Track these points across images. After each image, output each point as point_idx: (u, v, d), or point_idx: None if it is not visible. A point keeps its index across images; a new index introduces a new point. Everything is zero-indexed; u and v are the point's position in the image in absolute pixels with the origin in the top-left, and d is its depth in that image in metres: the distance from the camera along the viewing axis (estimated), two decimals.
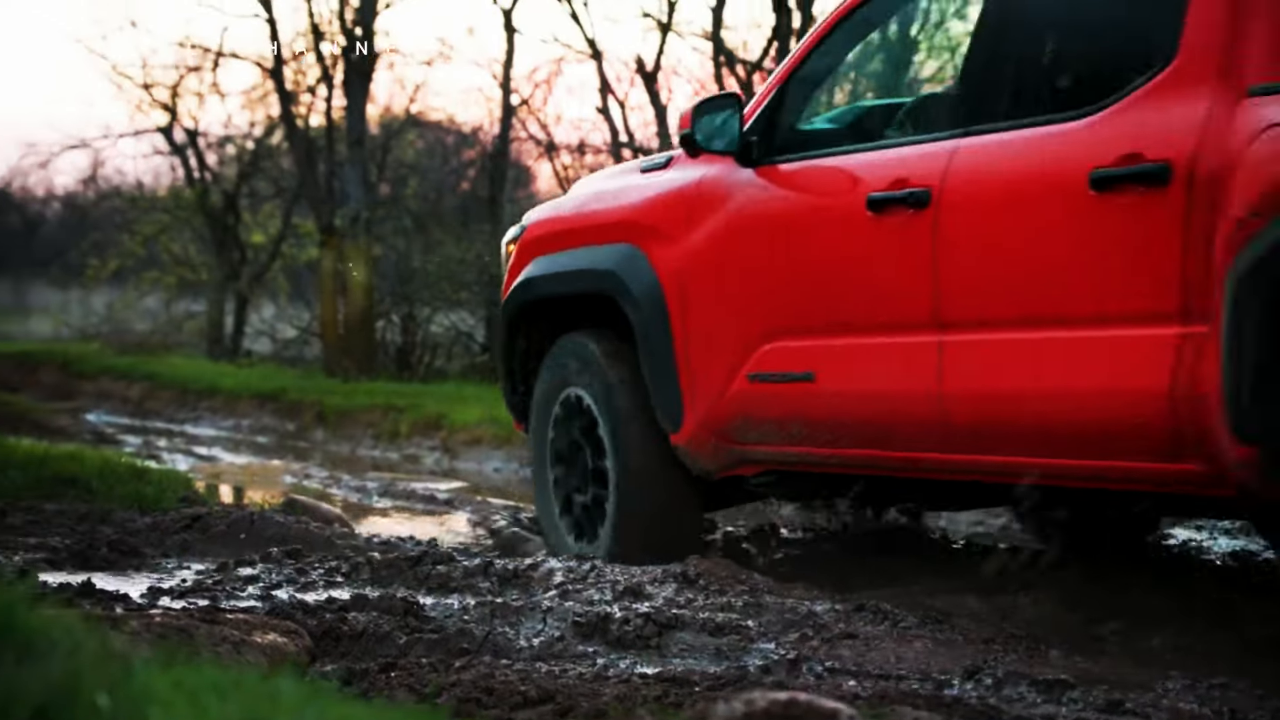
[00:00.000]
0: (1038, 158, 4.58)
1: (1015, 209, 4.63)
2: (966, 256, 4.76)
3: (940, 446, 4.93)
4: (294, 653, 4.03)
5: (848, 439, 5.21)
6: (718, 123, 5.52)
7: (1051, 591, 5.08)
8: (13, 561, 5.46)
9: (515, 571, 5.13)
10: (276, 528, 6.23)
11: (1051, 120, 4.55)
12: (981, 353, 4.74)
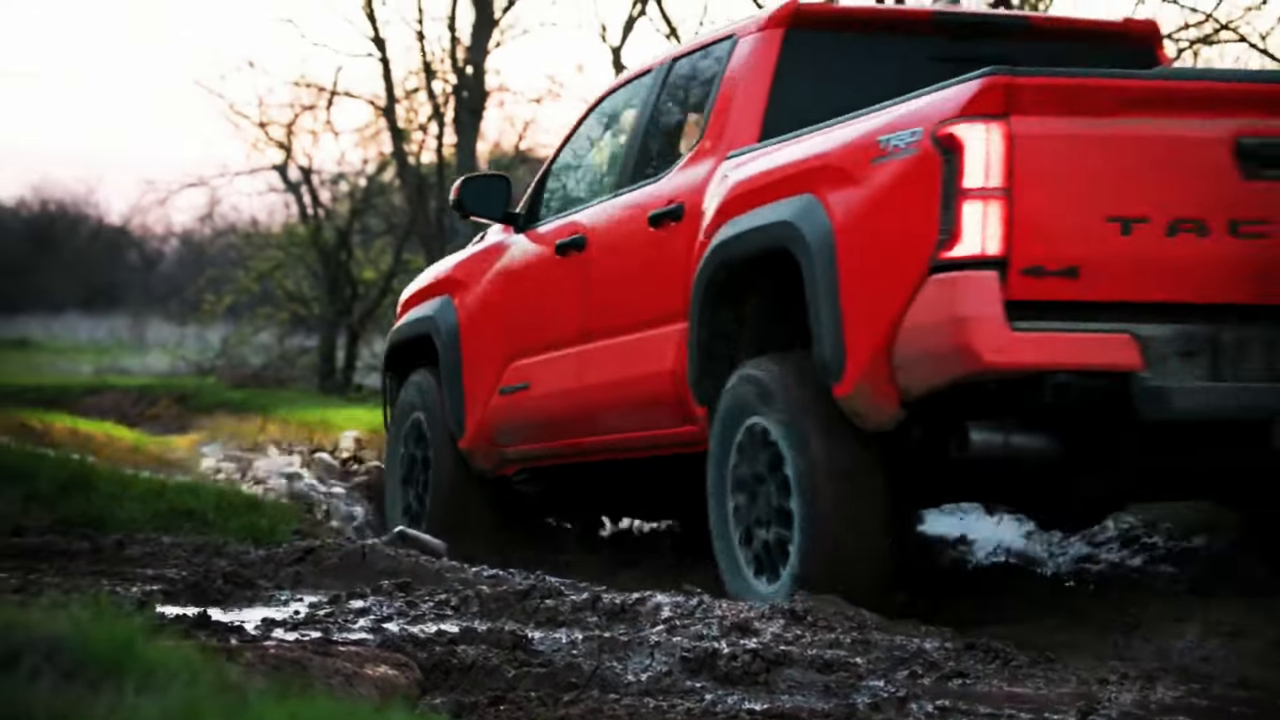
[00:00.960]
0: (630, 209, 6.60)
1: (618, 246, 6.64)
2: (600, 283, 6.73)
3: (586, 432, 6.76)
4: (404, 685, 4.07)
5: (548, 433, 7.00)
6: (490, 195, 7.53)
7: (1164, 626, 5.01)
8: (131, 593, 5.57)
9: (623, 606, 5.15)
10: (387, 561, 6.28)
11: (644, 184, 6.59)
12: (603, 355, 6.61)
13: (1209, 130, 5.22)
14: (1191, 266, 5.18)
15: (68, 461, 8.35)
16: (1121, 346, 5.08)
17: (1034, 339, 5.06)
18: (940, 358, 5.14)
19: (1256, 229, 5.13)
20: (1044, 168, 5.14)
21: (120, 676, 2.86)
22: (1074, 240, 5.15)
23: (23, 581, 5.78)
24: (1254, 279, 5.17)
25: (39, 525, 6.91)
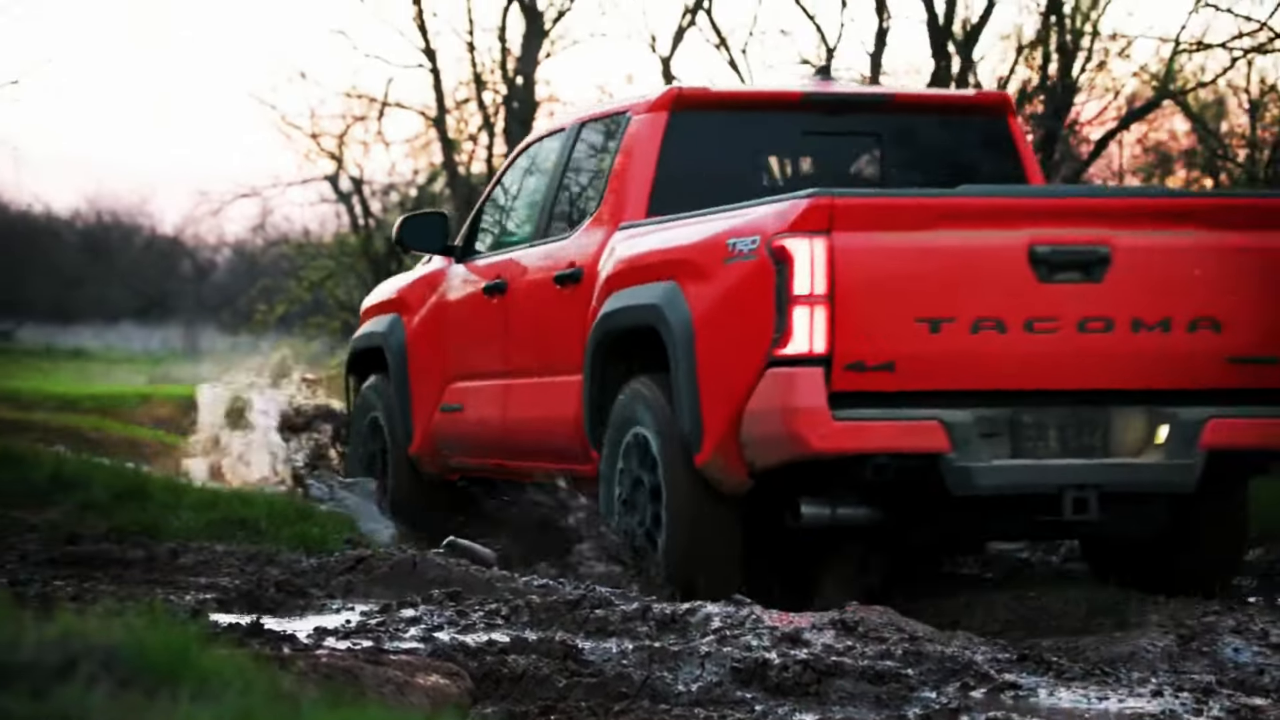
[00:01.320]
0: (541, 263, 7.41)
1: (531, 296, 7.45)
2: (517, 327, 7.56)
3: (509, 456, 7.66)
4: (456, 695, 4.09)
5: (480, 452, 7.91)
6: (428, 230, 8.32)
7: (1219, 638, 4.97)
8: (185, 601, 5.61)
9: (673, 616, 5.15)
10: (438, 570, 6.31)
11: (550, 241, 7.42)
12: (520, 392, 7.48)
13: (1006, 240, 5.99)
14: (992, 359, 5.96)
15: (122, 470, 8.42)
16: (931, 431, 5.87)
17: (854, 427, 5.88)
18: (776, 441, 5.96)
19: (1048, 325, 5.95)
20: (862, 276, 5.93)
21: (176, 685, 2.88)
22: (889, 339, 5.92)
23: (78, 589, 5.83)
24: (1047, 368, 5.99)
25: (94, 533, 6.97)
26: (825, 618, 5.05)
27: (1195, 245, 6.12)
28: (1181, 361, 6.07)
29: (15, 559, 6.55)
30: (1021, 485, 5.99)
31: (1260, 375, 6.10)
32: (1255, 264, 6.11)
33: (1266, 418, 6.08)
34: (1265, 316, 6.09)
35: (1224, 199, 7.50)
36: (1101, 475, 5.99)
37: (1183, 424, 6.01)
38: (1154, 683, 4.52)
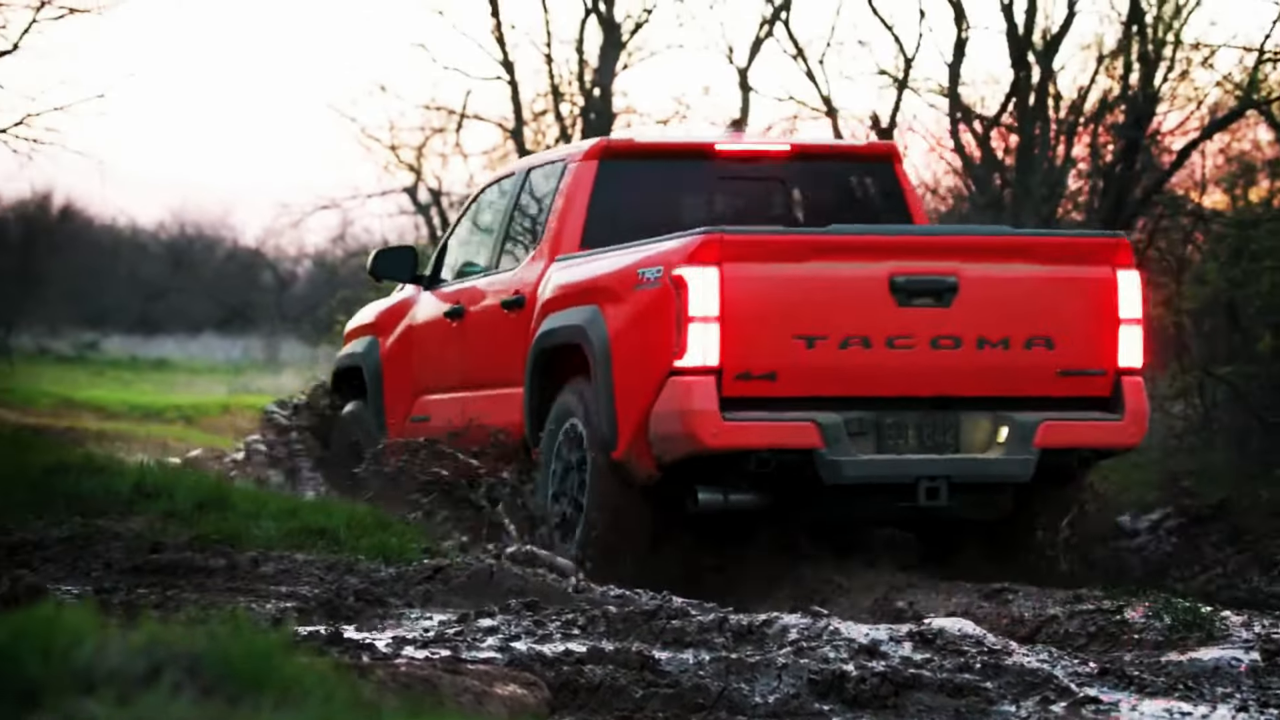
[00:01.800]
0: (491, 291, 8.51)
1: (483, 320, 8.52)
2: (473, 347, 8.67)
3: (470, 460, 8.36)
4: (533, 705, 4.10)
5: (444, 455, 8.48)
6: (398, 262, 9.47)
7: None
8: (266, 610, 5.66)
9: (749, 627, 5.15)
10: (515, 580, 6.33)
11: (501, 272, 8.53)
12: (476, 403, 8.47)
13: (870, 271, 7.09)
14: (859, 370, 7.07)
15: (205, 480, 8.49)
16: (807, 431, 6.96)
17: (742, 427, 6.97)
18: (676, 439, 7.05)
19: (906, 343, 7.06)
20: (747, 300, 7.00)
21: (258, 693, 2.91)
22: (771, 353, 7.02)
23: (162, 597, 5.90)
24: (905, 378, 7.11)
25: (177, 542, 7.04)
26: (903, 629, 5.03)
27: (1030, 276, 7.26)
28: (1020, 373, 7.21)
29: (100, 567, 6.64)
30: (883, 476, 7.11)
31: (1085, 385, 7.26)
32: (1081, 292, 7.26)
33: (1090, 421, 7.25)
34: (1089, 336, 7.23)
35: (1054, 238, 8.37)
36: (951, 468, 7.09)
37: (1020, 426, 7.13)
38: (1238, 698, 4.47)
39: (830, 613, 5.53)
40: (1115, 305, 7.25)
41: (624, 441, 7.23)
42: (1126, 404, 7.24)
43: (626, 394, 7.24)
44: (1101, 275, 7.26)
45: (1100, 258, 7.33)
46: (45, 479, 8.19)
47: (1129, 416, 7.24)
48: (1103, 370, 7.25)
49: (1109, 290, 7.25)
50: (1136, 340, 7.28)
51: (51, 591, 5.60)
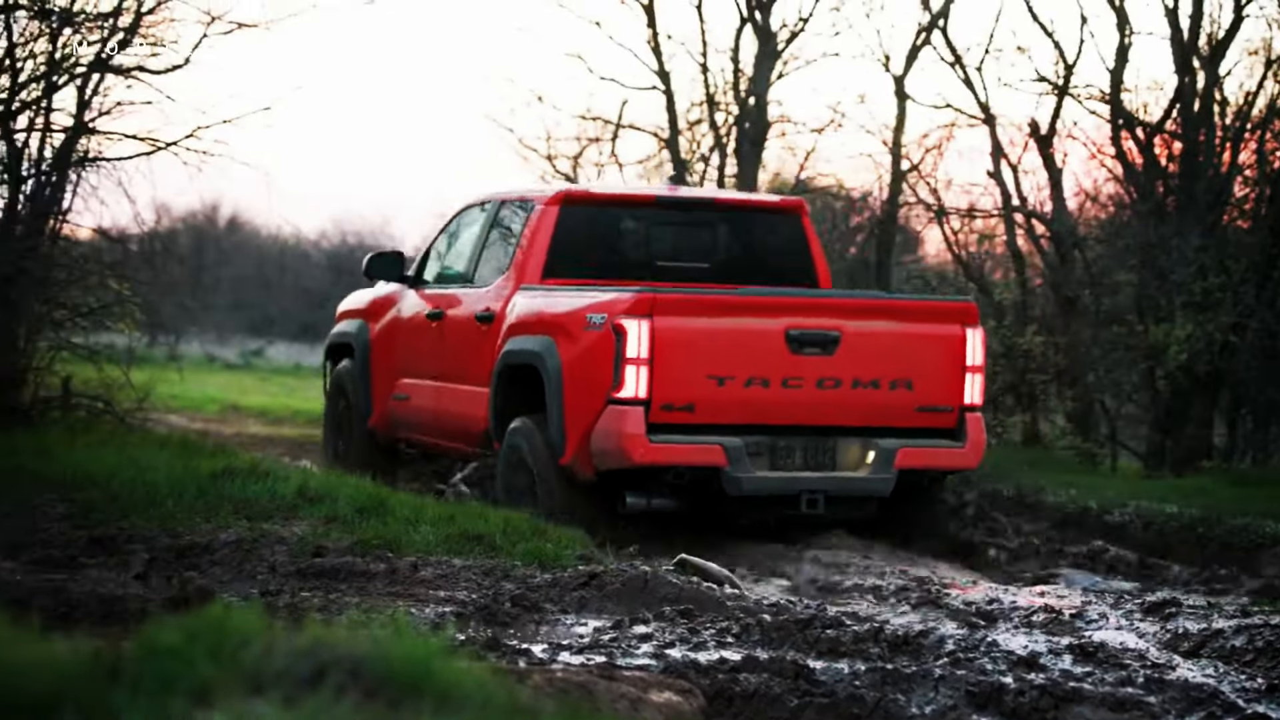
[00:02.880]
0: (468, 302, 10.11)
1: (459, 327, 10.16)
2: (449, 347, 10.27)
3: (437, 435, 10.48)
4: (689, 712, 4.11)
5: (418, 430, 10.78)
6: (389, 265, 11.20)
7: None
8: (425, 614, 5.74)
9: (905, 637, 5.11)
10: (669, 587, 6.35)
11: (476, 286, 10.11)
12: (449, 394, 10.21)
13: (770, 325, 8.66)
14: (759, 404, 8.64)
15: (365, 486, 8.63)
16: (715, 452, 8.55)
17: (664, 447, 8.52)
18: (611, 454, 8.58)
19: (796, 383, 8.67)
20: (672, 346, 8.54)
21: (419, 696, 2.95)
22: (690, 389, 8.57)
23: (325, 600, 6.01)
24: (795, 411, 8.71)
25: (339, 546, 7.16)
26: (1063, 642, 4.96)
27: (897, 331, 8.92)
28: (885, 409, 8.85)
29: (265, 570, 6.77)
30: (774, 489, 8.69)
31: (937, 419, 8.95)
32: (936, 344, 8.94)
33: (939, 448, 8.91)
34: (941, 379, 8.91)
35: (916, 302, 9.82)
36: (828, 484, 8.77)
37: (884, 450, 8.79)
38: None
39: None
40: (963, 356, 8.95)
41: (570, 451, 8.80)
42: (969, 434, 8.93)
43: (573, 414, 8.79)
44: (952, 332, 8.97)
45: (953, 318, 9.04)
46: (213, 484, 8.38)
47: (970, 444, 8.92)
48: (950, 407, 8.95)
49: (958, 344, 8.95)
50: (978, 384, 9.02)
51: (219, 594, 5.73)
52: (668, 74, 18.61)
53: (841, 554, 8.58)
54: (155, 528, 7.47)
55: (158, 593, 5.89)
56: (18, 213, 11.77)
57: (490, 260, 10.20)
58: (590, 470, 8.74)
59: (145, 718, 2.80)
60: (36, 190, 11.92)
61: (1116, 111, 14.34)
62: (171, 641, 3.03)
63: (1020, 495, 10.81)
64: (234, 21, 12.53)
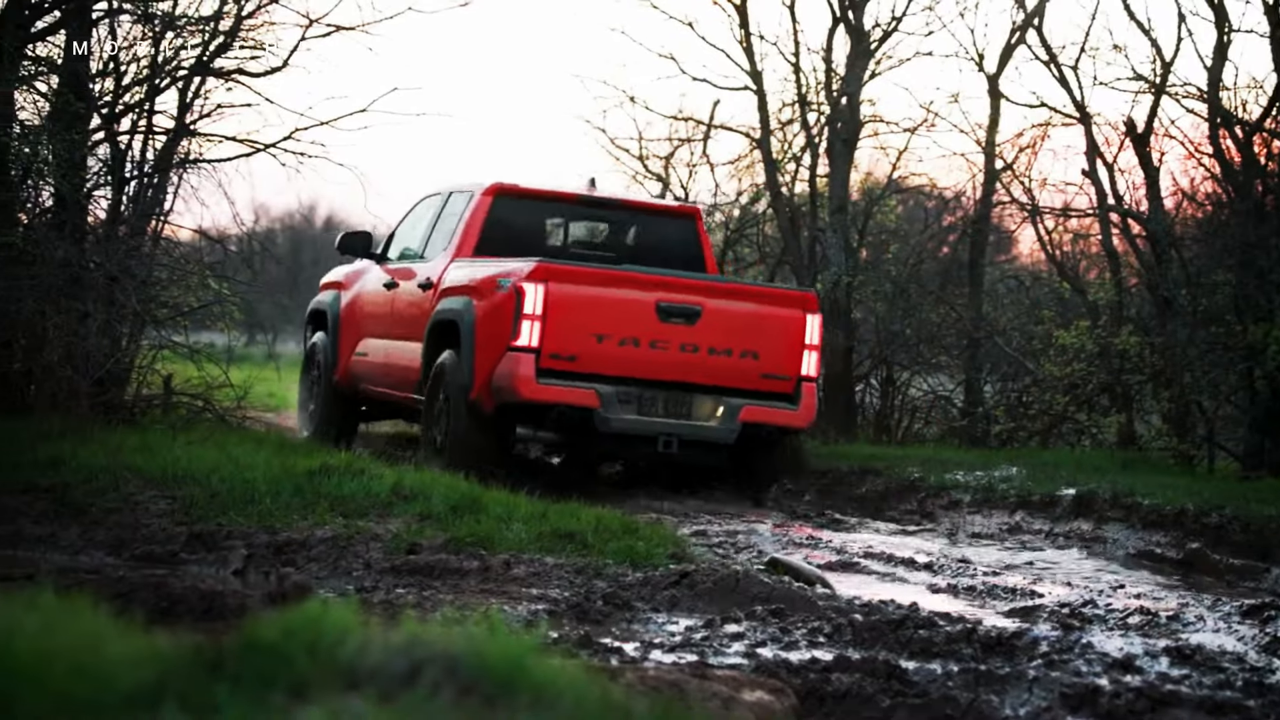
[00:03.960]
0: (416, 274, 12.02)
1: (406, 294, 12.08)
2: (397, 310, 12.21)
3: (385, 385, 12.24)
4: (780, 711, 4.12)
5: (372, 383, 12.57)
6: (359, 242, 13.15)
7: None
8: (518, 611, 5.78)
9: (999, 639, 5.08)
10: (760, 587, 6.35)
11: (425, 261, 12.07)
12: (395, 351, 12.05)
13: (644, 296, 10.54)
14: (629, 361, 10.48)
15: (459, 483, 8.69)
16: (590, 395, 10.38)
17: (549, 388, 10.33)
18: (507, 390, 10.38)
19: (662, 346, 10.53)
20: (561, 307, 10.34)
21: (513, 693, 2.98)
22: (574, 342, 10.41)
23: (419, 597, 6.07)
24: (660, 369, 10.57)
25: (433, 543, 7.22)
26: (1160, 644, 4.91)
27: (746, 311, 10.79)
28: (735, 373, 10.73)
29: (360, 567, 6.85)
30: (637, 430, 10.51)
31: (777, 385, 10.83)
32: (780, 324, 10.83)
33: (778, 408, 10.77)
34: (782, 353, 10.81)
35: (765, 288, 11.84)
36: (682, 430, 10.59)
37: (731, 406, 10.68)
38: None
39: None
40: (803, 336, 10.83)
41: (476, 388, 10.57)
42: (803, 399, 10.87)
43: (481, 358, 10.56)
44: (795, 315, 10.87)
45: (795, 304, 10.94)
46: (309, 481, 8.48)
47: (803, 408, 10.88)
48: (789, 376, 10.85)
49: (799, 326, 10.85)
50: (814, 359, 10.94)
51: (316, 590, 5.80)
52: (760, 74, 18.58)
53: None
54: (253, 524, 7.58)
55: (256, 588, 5.98)
56: (121, 214, 11.97)
57: (437, 240, 12.11)
58: (490, 405, 10.51)
59: (245, 712, 2.85)
60: (139, 192, 12.12)
61: (1214, 110, 14.15)
62: (270, 637, 3.08)
63: (1115, 496, 10.72)
64: (331, 25, 12.67)
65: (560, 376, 10.35)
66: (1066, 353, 15.44)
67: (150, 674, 2.94)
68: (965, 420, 16.88)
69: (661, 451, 10.47)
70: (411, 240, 12.70)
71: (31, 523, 7.73)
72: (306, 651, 3.02)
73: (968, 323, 17.11)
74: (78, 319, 10.72)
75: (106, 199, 12.02)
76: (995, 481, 11.74)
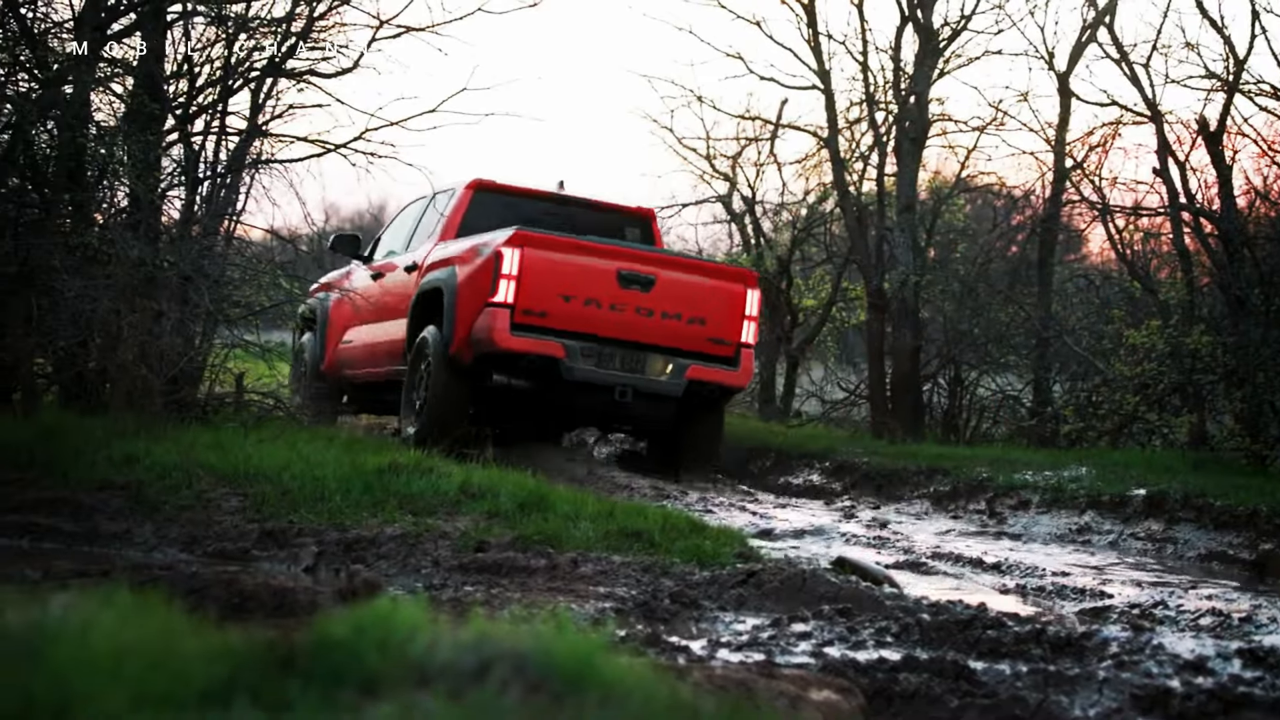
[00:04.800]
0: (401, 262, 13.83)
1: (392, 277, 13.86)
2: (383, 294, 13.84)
3: (369, 365, 13.91)
4: (848, 711, 4.11)
5: (356, 365, 14.23)
6: (348, 243, 14.63)
7: None
8: (585, 609, 5.80)
9: (1068, 639, 5.06)
10: (828, 586, 6.34)
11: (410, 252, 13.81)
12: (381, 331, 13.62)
13: (607, 265, 11.94)
14: (592, 319, 11.83)
15: (527, 482, 8.73)
16: (557, 348, 11.72)
17: (521, 340, 11.64)
18: (484, 341, 11.62)
19: (620, 308, 11.89)
20: (534, 270, 11.70)
21: (582, 691, 3.00)
22: (544, 301, 11.72)
23: (487, 595, 6.10)
24: (618, 328, 11.91)
25: (500, 541, 7.26)
26: (1232, 646, 4.87)
27: (698, 283, 12.27)
28: (684, 336, 12.19)
29: (429, 564, 6.90)
30: (596, 380, 11.87)
31: (720, 349, 12.32)
32: (725, 296, 12.32)
33: (720, 369, 12.26)
34: (726, 321, 12.31)
35: (713, 264, 13.22)
36: (636, 382, 12.01)
37: (679, 364, 12.13)
38: None
39: None
40: (744, 307, 12.35)
41: (456, 343, 11.85)
42: (742, 363, 12.38)
43: (462, 316, 11.87)
44: (737, 289, 12.40)
45: (738, 279, 12.46)
46: (378, 479, 8.54)
47: (742, 370, 12.37)
48: (731, 342, 12.36)
49: (741, 298, 12.38)
50: (752, 329, 12.41)
51: (386, 587, 5.85)
52: (827, 73, 18.54)
53: None
54: (324, 522, 7.64)
55: (327, 585, 6.03)
56: (195, 214, 12.10)
57: (423, 232, 13.77)
58: (469, 356, 11.83)
59: (316, 708, 2.88)
60: (212, 192, 12.24)
61: None
62: (341, 634, 3.11)
63: (1187, 497, 10.63)
64: (402, 26, 12.74)
65: (531, 330, 11.73)
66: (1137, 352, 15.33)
67: (223, 670, 2.98)
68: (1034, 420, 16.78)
69: (618, 401, 11.95)
70: (397, 240, 14.44)
71: (107, 519, 7.83)
72: (377, 648, 3.05)
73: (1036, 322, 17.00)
74: (152, 318, 10.85)
75: (180, 199, 12.15)
76: (1064, 481, 11.67)
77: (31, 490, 8.50)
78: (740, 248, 22.97)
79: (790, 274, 21.83)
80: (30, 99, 11.66)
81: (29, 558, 7.19)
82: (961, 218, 20.62)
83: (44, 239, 11.12)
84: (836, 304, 21.80)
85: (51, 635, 3.01)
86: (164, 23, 11.92)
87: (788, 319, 21.71)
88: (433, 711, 2.83)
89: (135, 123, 11.42)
